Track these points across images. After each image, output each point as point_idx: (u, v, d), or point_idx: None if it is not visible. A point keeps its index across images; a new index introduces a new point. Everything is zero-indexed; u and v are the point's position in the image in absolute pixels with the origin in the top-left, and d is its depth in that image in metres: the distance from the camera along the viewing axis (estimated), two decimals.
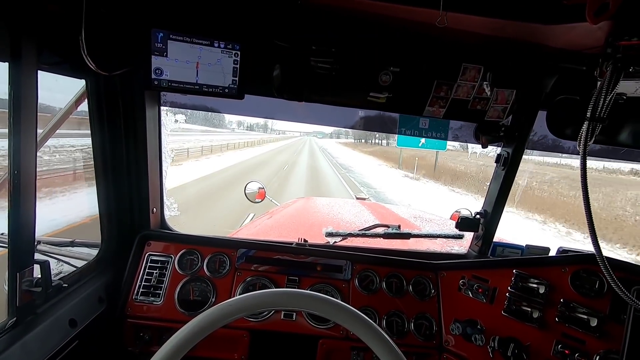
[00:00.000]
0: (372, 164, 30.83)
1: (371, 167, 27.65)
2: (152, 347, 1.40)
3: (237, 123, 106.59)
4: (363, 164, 30.22)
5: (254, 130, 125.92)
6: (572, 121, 1.36)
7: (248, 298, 0.83)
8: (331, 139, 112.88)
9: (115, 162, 1.44)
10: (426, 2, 0.93)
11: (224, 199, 10.98)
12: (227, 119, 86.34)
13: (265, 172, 19.02)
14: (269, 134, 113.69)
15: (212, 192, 12.11)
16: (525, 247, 1.68)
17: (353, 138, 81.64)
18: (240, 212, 8.96)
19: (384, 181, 19.73)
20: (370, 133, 43.32)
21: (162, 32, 1.15)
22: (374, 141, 62.51)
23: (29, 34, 0.94)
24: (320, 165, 26.71)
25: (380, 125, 1.85)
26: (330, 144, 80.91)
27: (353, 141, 78.44)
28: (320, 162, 29.70)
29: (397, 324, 1.46)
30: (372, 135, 54.73)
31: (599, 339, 1.24)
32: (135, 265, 1.49)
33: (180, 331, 0.76)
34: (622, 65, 0.91)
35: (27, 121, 0.96)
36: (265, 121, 74.54)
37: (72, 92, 1.40)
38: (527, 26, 1.00)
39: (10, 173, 0.95)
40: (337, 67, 1.25)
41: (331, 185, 16.76)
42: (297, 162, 26.47)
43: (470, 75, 1.31)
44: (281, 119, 1.70)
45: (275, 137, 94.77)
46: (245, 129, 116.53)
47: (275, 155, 32.06)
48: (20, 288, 1.02)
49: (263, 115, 1.73)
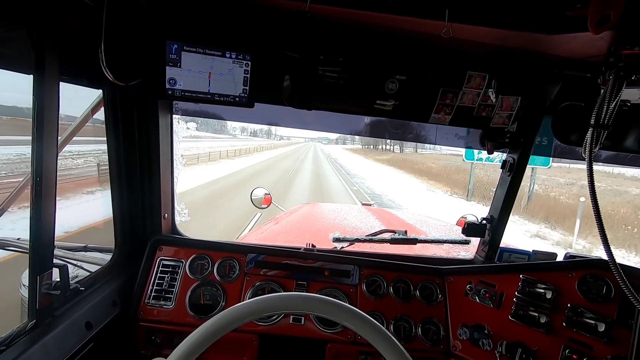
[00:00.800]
0: (407, 183, 22.18)
1: (413, 191, 18.90)
2: (164, 350, 1.42)
3: (241, 129, 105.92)
4: (391, 181, 22.53)
5: (257, 136, 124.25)
6: (578, 127, 1.37)
7: (258, 302, 0.85)
8: (337, 145, 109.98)
9: (129, 168, 1.48)
10: (432, 14, 0.97)
11: (223, 206, 11.08)
12: (230, 125, 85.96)
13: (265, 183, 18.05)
14: (272, 139, 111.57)
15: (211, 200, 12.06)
16: (532, 252, 1.69)
17: (360, 144, 77.34)
18: (243, 216, 9.08)
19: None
20: (378, 139, 36.45)
21: (176, 44, 1.19)
22: (384, 147, 55.96)
23: (51, 49, 0.98)
24: (330, 185, 19.34)
25: (388, 132, 1.87)
26: (337, 150, 76.38)
27: (361, 147, 73.32)
28: (330, 178, 22.53)
29: (404, 329, 1.47)
30: (381, 140, 48.39)
31: (606, 344, 1.24)
32: (147, 269, 1.52)
33: (193, 335, 0.78)
34: (624, 74, 0.93)
35: (49, 130, 1.01)
36: (269, 127, 73.35)
37: (79, 98, 1.45)
38: (530, 36, 1.03)
39: (32, 179, 0.99)
40: (345, 76, 1.28)
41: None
42: (296, 178, 20.53)
43: (475, 83, 1.33)
44: (289, 126, 1.74)
45: (276, 143, 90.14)
46: (249, 134, 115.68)
47: (276, 163, 29.38)
48: (40, 291, 1.05)
49: (271, 122, 1.77)
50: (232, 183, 15.73)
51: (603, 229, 0.95)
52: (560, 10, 0.91)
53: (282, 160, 33.89)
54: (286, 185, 16.50)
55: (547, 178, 19.88)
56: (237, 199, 11.41)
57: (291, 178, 19.52)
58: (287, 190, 15.37)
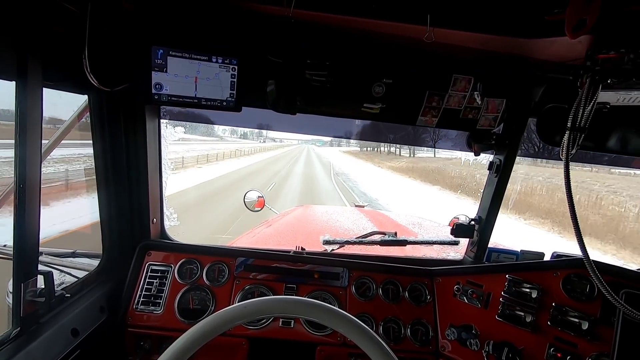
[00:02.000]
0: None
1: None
2: (152, 356, 1.42)
3: (231, 131, 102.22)
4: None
5: (247, 138, 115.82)
6: (561, 129, 1.39)
7: (246, 306, 0.85)
8: (332, 147, 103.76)
9: (116, 173, 1.48)
10: (413, 19, 0.98)
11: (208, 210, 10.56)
12: (218, 127, 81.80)
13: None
14: (261, 142, 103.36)
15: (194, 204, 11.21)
16: (520, 252, 1.71)
17: (358, 146, 67.73)
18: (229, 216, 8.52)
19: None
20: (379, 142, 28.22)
21: (162, 49, 1.20)
22: (387, 149, 44.08)
23: (34, 54, 0.98)
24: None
25: (381, 134, 1.88)
26: (334, 153, 66.52)
27: (359, 150, 64.28)
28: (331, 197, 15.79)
29: (393, 330, 1.48)
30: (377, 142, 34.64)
31: (590, 342, 1.26)
32: (135, 275, 1.51)
33: (180, 339, 0.78)
34: (599, 78, 0.95)
35: (33, 136, 1.00)
36: (260, 129, 70.83)
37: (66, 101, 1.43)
38: (511, 40, 1.05)
39: (16, 185, 0.99)
40: (332, 80, 1.30)
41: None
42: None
43: (461, 86, 1.35)
44: (280, 130, 1.75)
45: (264, 145, 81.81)
46: (239, 136, 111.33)
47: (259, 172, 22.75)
48: (24, 298, 1.05)
49: (260, 126, 1.77)
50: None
51: (578, 228, 0.97)
52: (539, 15, 0.93)
53: (262, 172, 23.77)
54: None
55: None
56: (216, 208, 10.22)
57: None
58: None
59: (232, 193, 13.49)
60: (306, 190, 17.21)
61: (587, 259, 1.02)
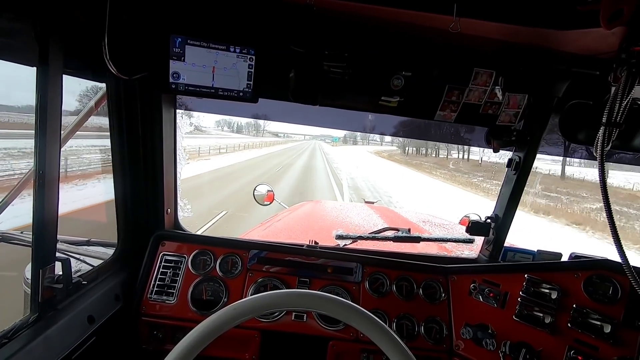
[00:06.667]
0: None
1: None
2: (166, 345, 1.43)
3: (227, 124, 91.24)
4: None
5: (242, 132, 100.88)
6: (586, 126, 1.35)
7: (260, 298, 0.84)
8: (355, 146, 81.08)
9: (132, 163, 1.48)
10: (439, 8, 0.95)
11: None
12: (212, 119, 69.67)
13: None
14: (260, 137, 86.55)
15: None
16: (536, 252, 1.67)
17: (395, 146, 49.68)
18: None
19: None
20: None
21: (180, 38, 1.18)
22: (426, 150, 34.04)
23: (55, 41, 0.98)
24: None
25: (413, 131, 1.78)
26: (361, 156, 46.44)
27: (398, 150, 48.18)
28: None
29: (407, 327, 1.46)
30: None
31: (612, 346, 1.23)
32: (150, 264, 1.52)
33: (195, 330, 0.78)
34: (636, 71, 0.91)
35: (53, 124, 1.00)
36: (256, 122, 60.96)
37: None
38: (540, 32, 1.01)
39: (35, 172, 0.99)
40: (350, 72, 1.27)
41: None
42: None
43: (482, 80, 1.31)
44: (294, 122, 1.73)
45: (262, 141, 67.82)
46: (234, 130, 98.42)
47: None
48: (43, 284, 1.06)
49: (275, 118, 1.75)
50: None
51: (616, 230, 0.93)
52: (571, 5, 0.89)
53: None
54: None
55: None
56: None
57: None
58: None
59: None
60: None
61: (627, 264, 0.95)
